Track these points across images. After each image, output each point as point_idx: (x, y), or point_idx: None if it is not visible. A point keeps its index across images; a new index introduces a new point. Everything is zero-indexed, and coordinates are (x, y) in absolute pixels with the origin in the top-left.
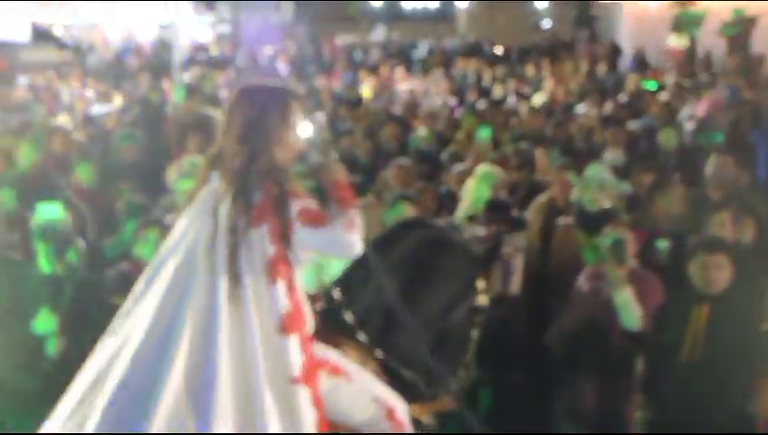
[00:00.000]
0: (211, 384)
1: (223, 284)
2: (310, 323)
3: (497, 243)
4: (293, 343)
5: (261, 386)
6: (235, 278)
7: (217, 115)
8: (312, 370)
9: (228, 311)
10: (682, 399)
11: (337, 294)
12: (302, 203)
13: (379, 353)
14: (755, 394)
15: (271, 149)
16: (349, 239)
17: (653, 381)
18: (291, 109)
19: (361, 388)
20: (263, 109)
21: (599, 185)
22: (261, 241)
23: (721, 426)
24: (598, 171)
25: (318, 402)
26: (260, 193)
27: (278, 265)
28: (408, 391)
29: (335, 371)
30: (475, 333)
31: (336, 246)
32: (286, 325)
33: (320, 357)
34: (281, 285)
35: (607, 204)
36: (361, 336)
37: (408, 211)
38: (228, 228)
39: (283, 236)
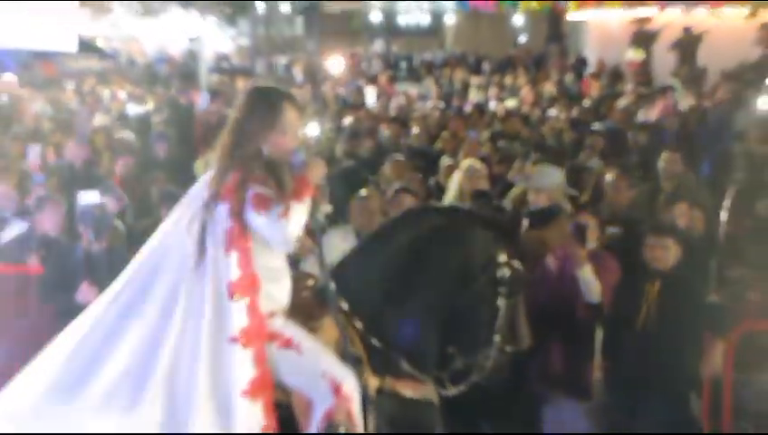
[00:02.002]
0: (154, 354)
1: (190, 256)
2: (277, 296)
3: (516, 219)
4: (239, 307)
5: (200, 346)
6: (202, 250)
7: None
8: (256, 333)
9: (191, 279)
10: (637, 362)
11: (331, 283)
12: (258, 189)
13: (373, 339)
14: (702, 357)
15: (256, 142)
16: (277, 225)
17: (612, 347)
18: (281, 109)
19: (310, 362)
20: (254, 107)
21: (536, 188)
22: (223, 217)
23: (672, 384)
24: (543, 175)
25: (260, 362)
26: (231, 176)
27: (233, 238)
28: (389, 367)
29: (287, 343)
30: (502, 303)
31: (267, 228)
32: (234, 291)
33: (275, 330)
34: (234, 256)
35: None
36: (357, 323)
37: (407, 200)
38: (203, 205)
39: (239, 214)
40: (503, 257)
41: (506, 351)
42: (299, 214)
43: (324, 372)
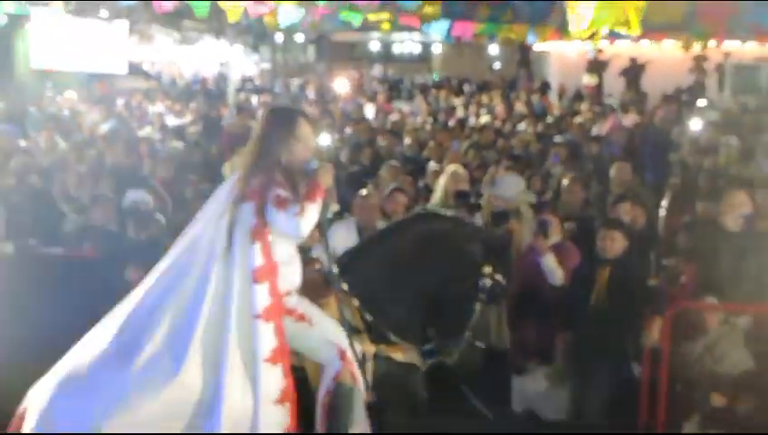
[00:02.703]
0: (191, 328)
1: (220, 245)
2: (290, 278)
3: (506, 240)
4: (263, 289)
5: (229, 321)
6: (230, 240)
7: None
8: (275, 310)
9: (220, 266)
10: (590, 334)
11: (335, 267)
12: (278, 191)
13: (366, 314)
14: (643, 330)
15: (276, 152)
16: (293, 221)
17: (572, 321)
18: (298, 124)
19: (320, 332)
20: (274, 123)
21: (497, 195)
22: (248, 214)
23: (618, 353)
24: (503, 184)
25: (280, 334)
26: (256, 180)
27: (257, 232)
28: (380, 336)
29: (301, 317)
30: (478, 307)
31: (285, 224)
32: (257, 276)
33: (290, 306)
34: (257, 246)
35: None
36: (355, 302)
37: (400, 198)
38: (231, 203)
39: (262, 212)
40: (487, 270)
41: (476, 346)
42: (312, 212)
43: (332, 341)
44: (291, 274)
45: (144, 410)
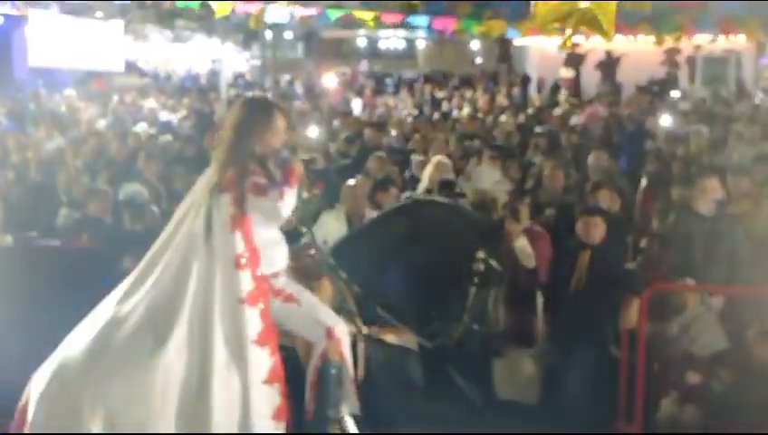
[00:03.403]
0: (176, 312)
1: (200, 235)
2: (276, 260)
3: (499, 227)
4: (245, 275)
5: (214, 307)
6: (209, 229)
7: None
8: (259, 294)
9: (202, 253)
10: (571, 315)
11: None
12: (254, 179)
13: (361, 297)
14: (621, 312)
15: (250, 142)
16: (274, 206)
17: (552, 304)
18: (271, 115)
19: (307, 312)
20: (248, 113)
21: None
22: (226, 204)
23: (598, 333)
24: (479, 175)
25: (266, 316)
26: (231, 170)
27: (236, 221)
28: (375, 319)
29: (289, 298)
30: (473, 290)
31: (266, 210)
32: (239, 263)
33: (279, 287)
34: (238, 234)
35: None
36: (348, 284)
37: (393, 192)
38: (208, 193)
39: (238, 202)
40: (481, 254)
41: (474, 328)
42: (290, 196)
43: (319, 320)
44: (276, 256)
45: (122, 392)
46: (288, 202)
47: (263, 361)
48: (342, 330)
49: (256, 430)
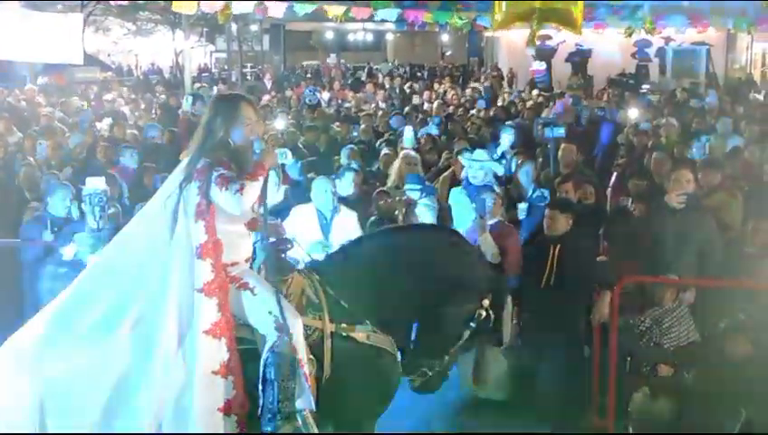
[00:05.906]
0: (131, 299)
1: (165, 224)
2: (239, 251)
3: (503, 284)
4: (206, 265)
5: (168, 293)
6: (175, 219)
7: None
8: (218, 285)
9: (167, 241)
10: (543, 310)
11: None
12: (221, 170)
13: (341, 298)
14: (593, 305)
15: (222, 135)
16: (234, 198)
17: (524, 296)
18: (241, 108)
19: (261, 303)
20: (219, 108)
21: (479, 166)
22: (194, 193)
23: (570, 326)
24: (480, 156)
25: (224, 308)
26: (202, 162)
27: (201, 210)
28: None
29: (244, 285)
30: (466, 334)
31: (226, 201)
32: (202, 252)
33: (235, 274)
34: (201, 224)
35: (486, 180)
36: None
37: (354, 179)
38: (179, 185)
39: (205, 191)
40: (486, 303)
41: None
42: (253, 189)
43: (271, 312)
44: (239, 246)
45: (61, 372)
46: (248, 195)
47: (215, 352)
48: (295, 324)
49: (199, 421)
